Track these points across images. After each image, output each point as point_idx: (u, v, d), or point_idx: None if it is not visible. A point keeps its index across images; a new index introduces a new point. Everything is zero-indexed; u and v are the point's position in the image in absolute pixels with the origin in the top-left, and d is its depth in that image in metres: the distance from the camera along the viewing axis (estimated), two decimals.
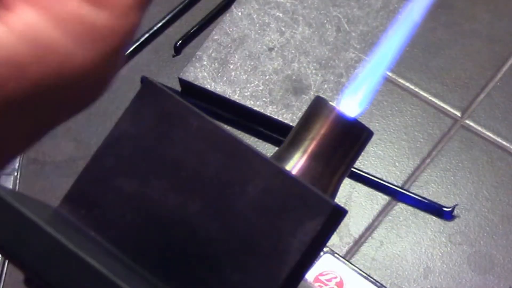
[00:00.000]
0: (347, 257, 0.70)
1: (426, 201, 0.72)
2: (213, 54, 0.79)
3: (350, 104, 0.42)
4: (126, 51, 0.34)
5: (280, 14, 0.81)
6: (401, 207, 0.72)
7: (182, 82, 0.78)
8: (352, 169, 0.69)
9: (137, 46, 0.81)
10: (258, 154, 0.38)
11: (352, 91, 0.42)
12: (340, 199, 0.68)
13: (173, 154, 0.38)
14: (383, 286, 0.66)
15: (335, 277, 0.66)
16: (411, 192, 0.72)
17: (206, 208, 0.37)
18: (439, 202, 0.72)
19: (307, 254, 0.36)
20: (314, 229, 0.36)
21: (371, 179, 0.73)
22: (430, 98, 0.78)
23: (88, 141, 0.76)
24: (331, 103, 0.42)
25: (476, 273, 0.69)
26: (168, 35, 0.82)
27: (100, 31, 0.31)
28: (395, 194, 0.72)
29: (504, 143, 0.75)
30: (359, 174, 0.73)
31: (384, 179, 0.73)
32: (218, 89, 0.77)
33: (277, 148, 0.42)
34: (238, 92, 0.77)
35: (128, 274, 0.36)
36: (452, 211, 0.71)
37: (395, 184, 0.73)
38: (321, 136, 0.41)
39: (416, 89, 0.78)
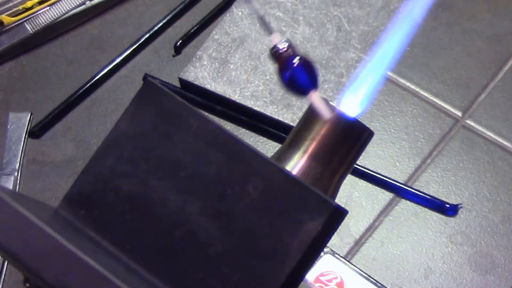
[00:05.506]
0: (348, 257, 0.69)
1: (429, 197, 0.71)
2: (213, 54, 0.79)
3: (351, 104, 0.42)
4: None
5: (281, 14, 0.81)
6: (402, 207, 0.72)
7: (182, 82, 0.78)
8: (355, 166, 0.69)
9: (137, 46, 0.81)
10: (258, 154, 0.38)
11: (352, 91, 0.42)
12: (340, 199, 0.68)
13: (173, 154, 0.38)
14: (384, 286, 0.66)
15: (336, 278, 0.66)
16: (413, 188, 0.72)
17: (206, 208, 0.37)
18: None
19: (308, 255, 0.36)
20: (315, 230, 0.36)
21: (374, 176, 0.73)
22: (431, 98, 0.78)
23: (88, 141, 0.76)
24: (331, 103, 0.42)
25: (477, 273, 0.69)
26: (168, 35, 0.82)
27: None
28: (398, 191, 0.72)
29: (505, 143, 0.75)
30: (362, 171, 0.73)
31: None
32: (218, 89, 0.77)
33: (277, 147, 0.42)
34: (239, 92, 0.76)
35: (128, 274, 0.36)
36: (456, 208, 0.71)
37: (398, 180, 0.73)
38: (322, 136, 0.41)
39: (417, 89, 0.78)
